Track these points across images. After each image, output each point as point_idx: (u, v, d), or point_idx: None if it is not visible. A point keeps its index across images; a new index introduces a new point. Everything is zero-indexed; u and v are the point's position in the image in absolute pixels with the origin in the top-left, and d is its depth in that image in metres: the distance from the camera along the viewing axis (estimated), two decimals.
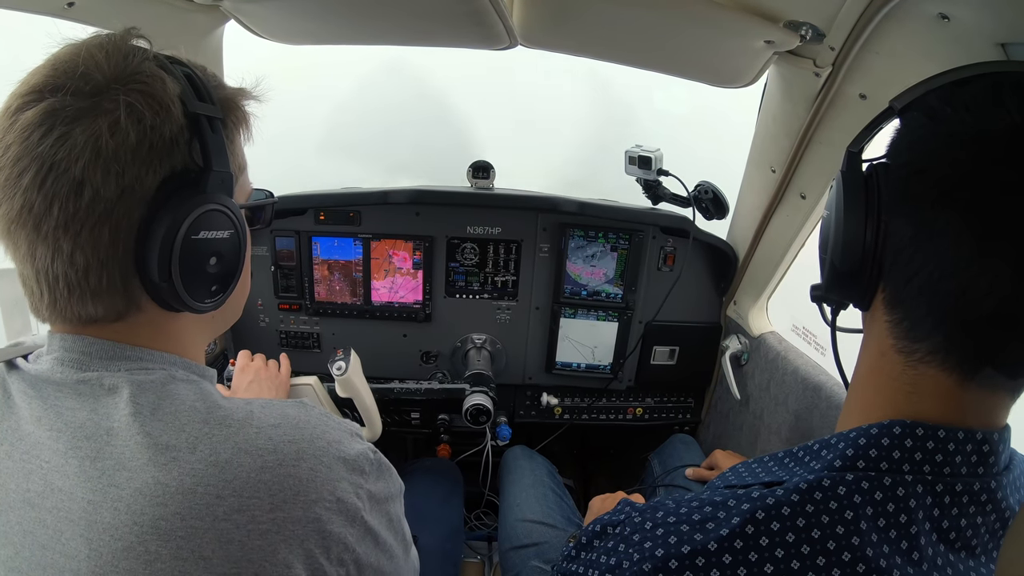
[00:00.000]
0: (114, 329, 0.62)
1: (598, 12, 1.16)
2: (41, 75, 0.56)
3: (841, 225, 0.59)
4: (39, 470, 0.58)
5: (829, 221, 0.64)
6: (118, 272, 0.59)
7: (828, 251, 0.63)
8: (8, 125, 0.55)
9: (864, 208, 0.57)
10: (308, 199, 1.70)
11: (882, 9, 0.92)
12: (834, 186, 0.63)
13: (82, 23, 1.03)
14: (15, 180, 0.55)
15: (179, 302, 0.63)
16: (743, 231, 1.69)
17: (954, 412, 0.54)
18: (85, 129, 0.55)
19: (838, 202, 0.60)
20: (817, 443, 0.60)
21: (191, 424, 0.59)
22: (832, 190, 0.64)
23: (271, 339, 1.85)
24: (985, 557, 0.55)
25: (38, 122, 0.54)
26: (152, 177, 0.58)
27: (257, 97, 0.72)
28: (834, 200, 0.62)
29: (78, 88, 0.55)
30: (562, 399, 1.94)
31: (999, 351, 0.51)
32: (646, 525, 0.57)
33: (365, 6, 1.24)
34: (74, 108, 0.55)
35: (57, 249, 0.56)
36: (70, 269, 0.57)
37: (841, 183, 0.60)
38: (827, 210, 0.65)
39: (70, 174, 0.54)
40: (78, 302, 0.59)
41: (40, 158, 0.54)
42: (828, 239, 0.64)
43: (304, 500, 0.59)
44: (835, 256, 0.60)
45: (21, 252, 0.58)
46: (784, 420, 1.49)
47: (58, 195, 0.55)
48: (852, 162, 0.62)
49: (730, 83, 1.38)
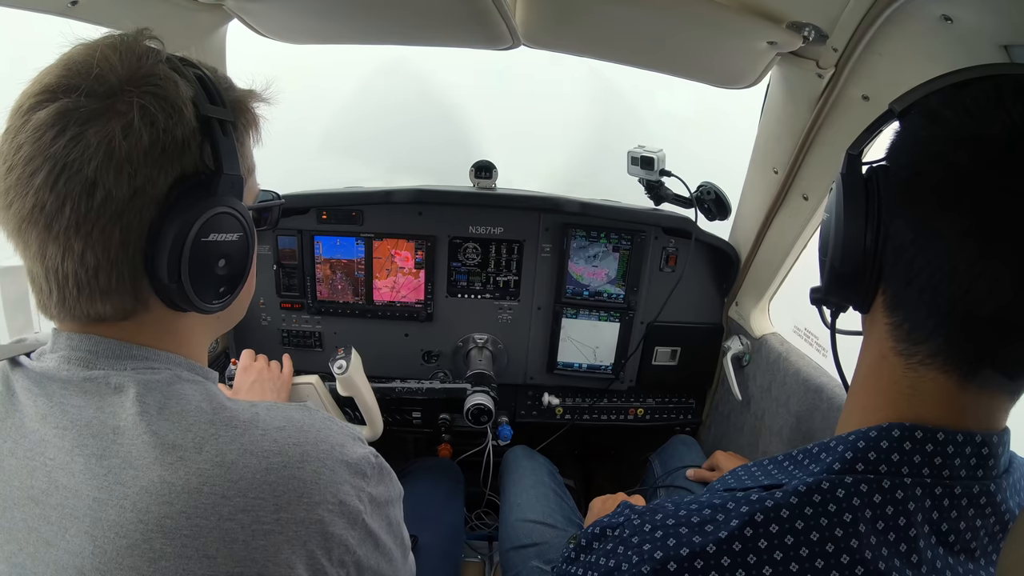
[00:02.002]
0: (121, 328, 0.63)
1: (601, 12, 1.16)
2: (54, 75, 0.57)
3: (841, 227, 0.58)
4: (43, 467, 0.58)
5: (829, 223, 0.64)
6: (127, 272, 0.59)
7: (828, 253, 0.63)
8: (21, 124, 0.56)
9: (864, 210, 0.57)
10: (311, 198, 1.71)
11: (885, 11, 0.92)
12: (834, 188, 0.63)
13: (85, 22, 1.03)
14: (27, 179, 0.55)
15: (187, 303, 0.63)
16: (745, 232, 1.69)
17: (953, 415, 0.54)
18: (99, 130, 0.55)
19: (838, 204, 0.60)
20: (816, 446, 0.60)
21: (197, 424, 0.60)
22: (832, 192, 0.64)
23: (273, 338, 1.86)
24: (984, 560, 0.55)
25: (51, 122, 0.55)
26: (164, 179, 0.59)
27: (267, 100, 0.73)
28: (834, 202, 0.62)
29: (92, 89, 0.56)
30: (563, 399, 1.94)
31: (999, 352, 0.51)
32: (645, 527, 0.58)
33: (368, 5, 1.25)
34: (88, 109, 0.55)
35: (68, 248, 0.57)
36: (80, 268, 0.58)
37: (841, 185, 0.60)
38: (827, 212, 0.65)
39: (83, 175, 0.55)
40: (87, 301, 0.59)
41: (53, 158, 0.54)
42: (828, 241, 0.63)
43: (307, 502, 0.60)
44: (835, 258, 0.60)
45: (32, 250, 0.58)
46: (785, 422, 1.49)
47: (70, 195, 0.55)
48: (852, 164, 0.61)
49: (733, 84, 1.38)
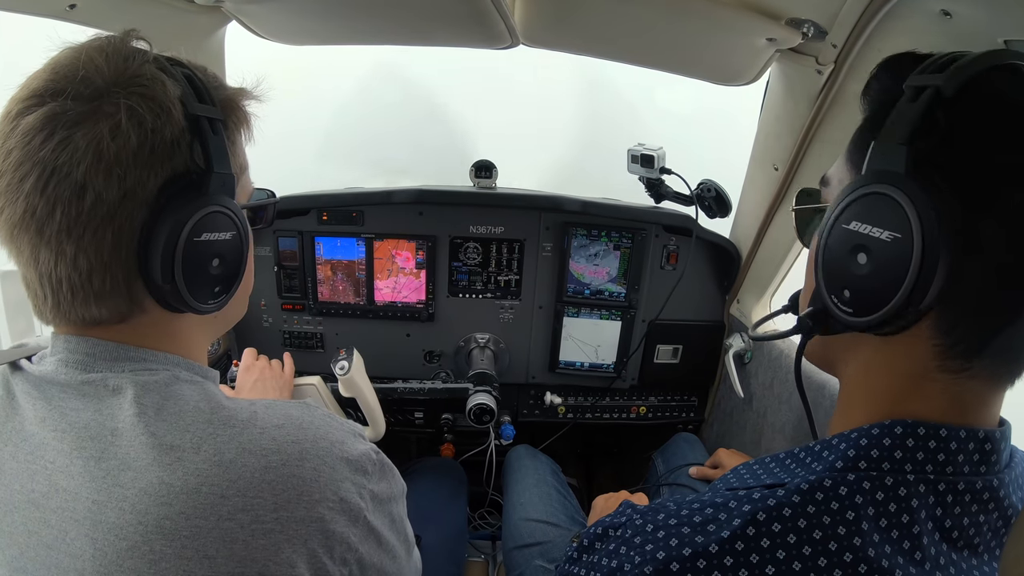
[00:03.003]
0: (118, 330, 0.63)
1: (600, 11, 1.16)
2: (41, 79, 0.57)
3: (905, 246, 0.50)
4: (43, 471, 0.58)
5: (865, 236, 0.53)
6: (121, 275, 0.59)
7: (873, 275, 0.53)
8: (9, 130, 0.55)
9: (936, 220, 0.48)
10: (311, 199, 1.71)
11: (884, 6, 0.92)
12: (859, 193, 0.54)
13: (84, 25, 1.03)
14: (17, 185, 0.55)
15: (182, 303, 0.63)
16: (746, 229, 1.69)
17: (955, 410, 0.54)
18: (87, 133, 0.55)
19: (889, 213, 0.51)
20: (818, 444, 0.60)
21: (195, 424, 0.59)
22: (861, 197, 0.54)
23: (275, 339, 1.86)
24: (988, 555, 0.55)
25: (39, 127, 0.54)
26: (154, 180, 0.59)
27: (258, 97, 0.72)
28: (872, 211, 0.53)
29: (78, 92, 0.55)
30: (565, 398, 1.94)
31: (1007, 344, 0.52)
32: (647, 527, 0.57)
33: (367, 6, 1.24)
34: (75, 112, 0.55)
35: (60, 253, 0.57)
36: (73, 272, 0.57)
37: (902, 191, 0.50)
38: (863, 223, 0.53)
39: (72, 178, 0.55)
40: (82, 304, 0.59)
41: (42, 163, 0.54)
42: (870, 261, 0.53)
43: (308, 500, 0.60)
44: (881, 279, 0.51)
45: (24, 256, 0.58)
46: (788, 418, 1.49)
47: (60, 199, 0.55)
48: (923, 166, 0.50)
49: (732, 81, 1.38)
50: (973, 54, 0.51)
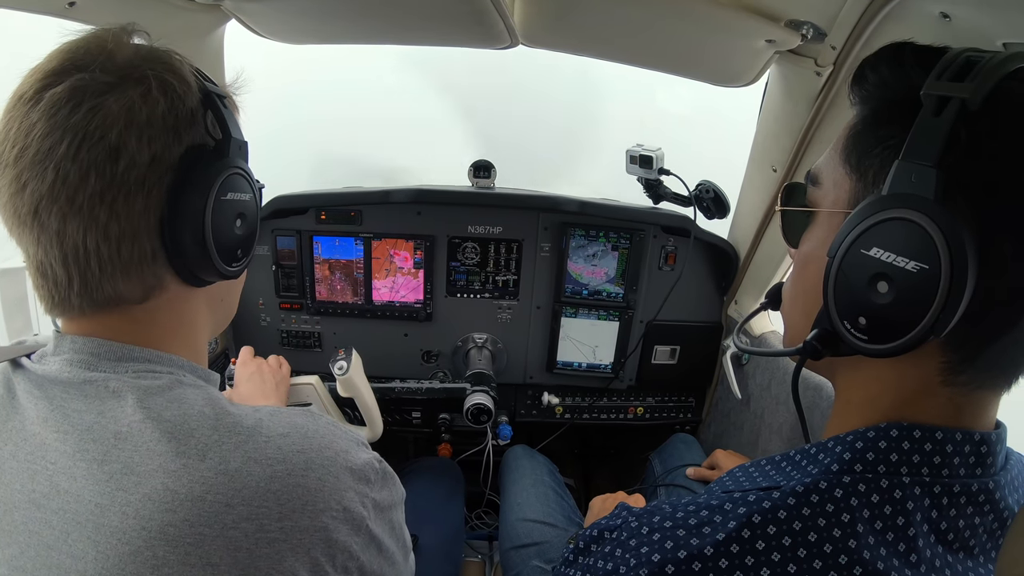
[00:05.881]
0: (132, 319, 0.63)
1: (599, 11, 1.16)
2: (57, 60, 0.58)
3: (935, 270, 0.47)
4: (45, 471, 0.58)
5: (880, 259, 0.50)
6: (149, 245, 0.61)
7: (892, 298, 0.49)
8: (30, 107, 0.56)
9: (963, 248, 0.46)
10: (309, 198, 1.71)
11: (883, 8, 0.92)
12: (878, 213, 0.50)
13: (83, 23, 1.03)
14: (46, 154, 0.56)
15: (209, 268, 0.65)
16: (744, 230, 1.69)
17: (951, 414, 0.54)
18: (118, 99, 0.57)
19: (921, 239, 0.47)
20: (813, 447, 0.60)
21: (200, 430, 0.59)
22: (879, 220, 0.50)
23: (272, 339, 1.86)
24: (984, 558, 0.55)
25: (67, 97, 0.56)
26: (177, 147, 0.61)
27: (237, 91, 0.76)
28: (897, 237, 0.49)
29: (104, 66, 0.58)
30: (563, 398, 1.94)
31: (1003, 353, 0.52)
32: (643, 530, 0.57)
33: (366, 5, 1.24)
34: (103, 82, 0.57)
35: (93, 219, 0.57)
36: (103, 242, 0.58)
37: (933, 219, 0.46)
38: (885, 251, 0.50)
39: (106, 141, 0.56)
40: (109, 279, 0.60)
41: (73, 128, 0.55)
42: (881, 282, 0.50)
43: (312, 509, 0.60)
44: (900, 300, 0.49)
45: (49, 232, 0.58)
46: (785, 420, 1.49)
47: (94, 163, 0.56)
48: (953, 189, 0.47)
49: (731, 82, 1.38)
50: (990, 56, 0.48)
